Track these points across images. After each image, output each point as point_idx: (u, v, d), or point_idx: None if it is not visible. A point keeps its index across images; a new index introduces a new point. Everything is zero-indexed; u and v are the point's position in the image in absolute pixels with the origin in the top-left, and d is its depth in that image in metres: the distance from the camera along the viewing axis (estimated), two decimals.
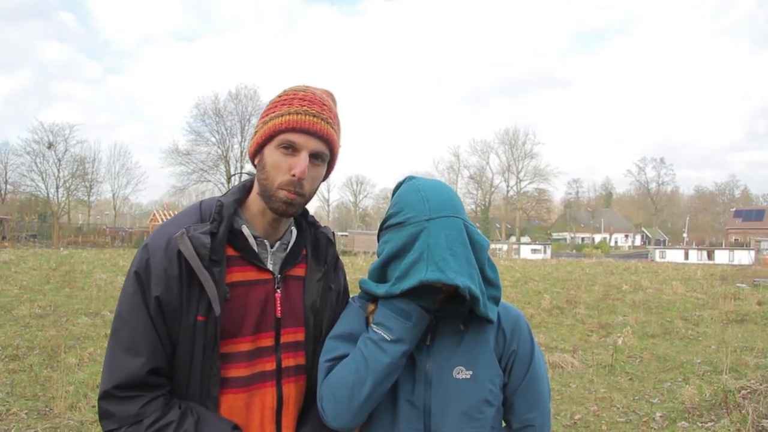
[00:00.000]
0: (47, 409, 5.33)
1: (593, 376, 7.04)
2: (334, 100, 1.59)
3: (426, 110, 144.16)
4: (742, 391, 5.96)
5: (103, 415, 1.43)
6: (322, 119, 1.48)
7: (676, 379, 7.06)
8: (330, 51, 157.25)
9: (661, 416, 5.59)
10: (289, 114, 1.46)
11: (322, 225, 1.74)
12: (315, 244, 1.68)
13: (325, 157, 1.52)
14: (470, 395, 1.47)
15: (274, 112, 1.49)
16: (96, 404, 5.51)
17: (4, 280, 14.63)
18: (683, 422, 5.39)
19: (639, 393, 6.46)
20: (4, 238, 37.34)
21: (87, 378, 6.31)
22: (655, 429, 5.30)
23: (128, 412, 1.40)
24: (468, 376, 1.47)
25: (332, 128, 1.51)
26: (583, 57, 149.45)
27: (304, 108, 1.47)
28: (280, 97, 1.52)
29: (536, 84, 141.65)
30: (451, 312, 1.51)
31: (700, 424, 5.31)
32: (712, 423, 5.30)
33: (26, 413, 5.21)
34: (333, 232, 1.76)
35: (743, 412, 5.28)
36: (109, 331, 1.53)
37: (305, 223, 1.69)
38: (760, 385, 6.12)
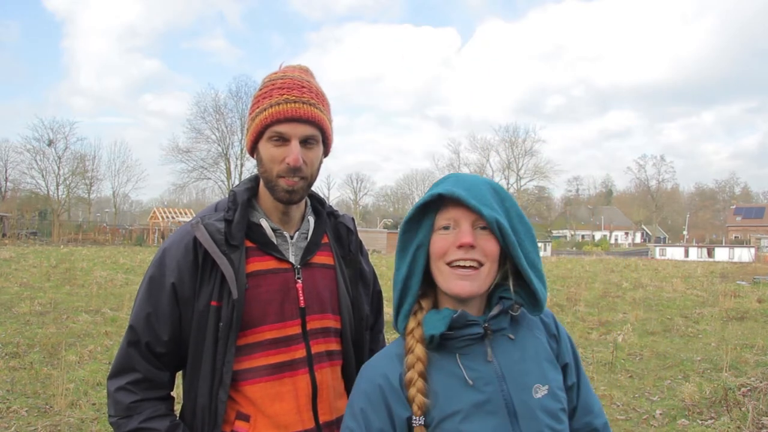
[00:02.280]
0: (47, 406, 5.34)
1: (593, 374, 7.03)
2: (311, 75, 1.60)
3: (426, 107, 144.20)
4: (742, 389, 5.96)
5: (108, 395, 1.50)
6: (303, 103, 1.49)
7: (676, 376, 7.06)
8: (325, 49, 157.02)
9: (661, 414, 5.60)
10: (271, 107, 1.48)
11: (342, 213, 1.76)
12: (336, 234, 1.71)
13: (317, 138, 1.54)
14: (552, 410, 1.28)
15: (258, 107, 1.52)
16: (96, 402, 5.50)
17: (5, 278, 14.63)
18: (683, 420, 5.39)
19: (639, 390, 6.46)
20: (4, 235, 37.34)
21: (87, 375, 6.31)
22: (655, 426, 5.30)
23: (124, 401, 1.46)
24: (546, 392, 1.28)
25: (316, 108, 1.51)
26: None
27: (284, 97, 1.48)
28: (261, 90, 1.55)
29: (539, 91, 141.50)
30: (500, 321, 1.30)
31: (700, 422, 5.31)
32: (712, 420, 5.30)
33: (27, 411, 5.22)
34: (352, 218, 1.79)
35: (743, 409, 5.28)
36: (109, 329, 1.55)
37: (324, 212, 1.72)
38: (760, 382, 6.13)
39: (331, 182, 79.53)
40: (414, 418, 1.23)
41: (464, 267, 1.24)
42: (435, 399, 1.24)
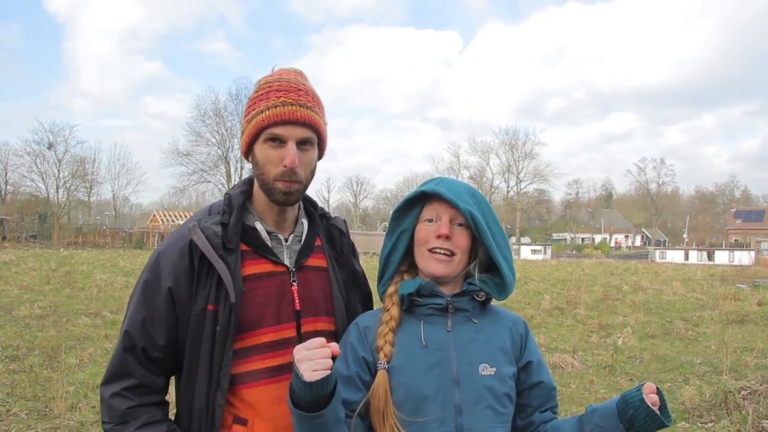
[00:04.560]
0: (47, 409, 5.34)
1: (593, 377, 7.04)
2: (306, 78, 1.62)
3: (427, 110, 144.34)
4: (742, 392, 5.96)
5: (102, 401, 1.49)
6: (300, 106, 1.51)
7: (676, 379, 7.06)
8: (324, 52, 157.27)
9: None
10: (268, 109, 1.49)
11: (333, 216, 1.77)
12: (329, 236, 1.72)
13: (313, 141, 1.55)
14: (495, 391, 1.48)
15: (254, 109, 1.52)
16: (95, 405, 5.48)
17: (5, 281, 14.63)
18: (683, 423, 5.39)
19: None
20: (4, 238, 37.33)
21: (87, 378, 6.32)
22: None
23: (119, 408, 1.45)
24: (492, 373, 1.49)
25: (312, 111, 1.53)
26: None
27: (281, 99, 1.50)
28: (256, 92, 1.55)
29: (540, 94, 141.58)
30: (465, 303, 1.53)
31: (700, 425, 5.31)
32: (712, 423, 5.30)
33: (26, 414, 5.22)
34: (344, 221, 1.80)
35: (743, 412, 5.28)
36: (109, 332, 1.55)
37: (316, 214, 1.73)
38: (760, 385, 6.12)
39: (331, 185, 79.68)
40: (379, 362, 1.47)
41: (440, 253, 1.50)
42: (396, 351, 1.48)
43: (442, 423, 1.42)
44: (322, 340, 1.30)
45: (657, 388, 1.40)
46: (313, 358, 1.27)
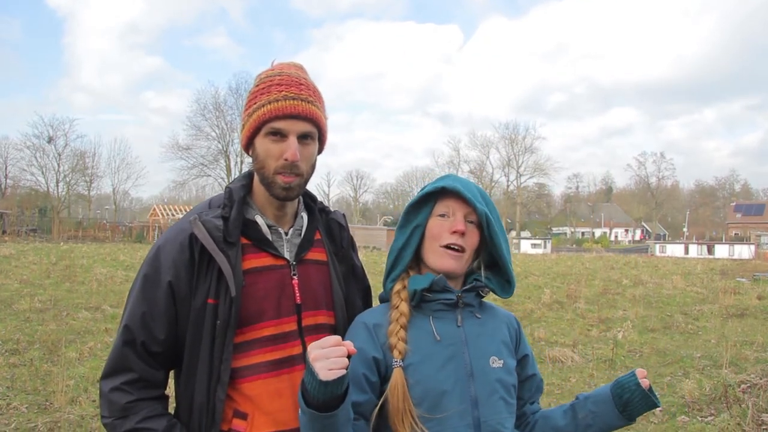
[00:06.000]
0: (48, 403, 5.34)
1: (593, 371, 7.04)
2: (306, 72, 1.61)
3: (427, 104, 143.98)
4: (742, 386, 5.97)
5: (101, 395, 1.48)
6: (301, 100, 1.50)
7: (675, 373, 7.07)
8: (324, 45, 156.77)
9: (660, 410, 5.59)
10: (270, 103, 1.49)
11: (332, 210, 1.77)
12: (328, 230, 1.72)
13: (314, 135, 1.55)
14: (505, 382, 1.53)
15: (255, 103, 1.51)
16: (96, 399, 5.50)
17: (5, 275, 14.64)
18: (683, 416, 5.39)
19: None
20: (4, 232, 37.35)
21: (87, 372, 6.32)
22: (654, 423, 5.30)
23: (119, 402, 1.44)
24: (501, 365, 1.54)
25: (314, 105, 1.53)
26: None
27: (283, 93, 1.49)
28: (257, 86, 1.54)
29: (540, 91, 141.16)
30: (471, 298, 1.57)
31: (699, 419, 5.32)
32: (712, 417, 5.30)
33: (27, 407, 5.22)
34: (343, 215, 1.79)
35: (743, 406, 5.29)
36: (109, 326, 1.54)
37: (315, 208, 1.72)
38: (760, 379, 6.13)
39: (331, 179, 79.63)
40: (395, 361, 1.46)
41: (454, 249, 1.52)
42: (409, 348, 1.49)
43: (462, 417, 1.45)
44: (337, 338, 1.27)
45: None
46: (329, 357, 1.23)
